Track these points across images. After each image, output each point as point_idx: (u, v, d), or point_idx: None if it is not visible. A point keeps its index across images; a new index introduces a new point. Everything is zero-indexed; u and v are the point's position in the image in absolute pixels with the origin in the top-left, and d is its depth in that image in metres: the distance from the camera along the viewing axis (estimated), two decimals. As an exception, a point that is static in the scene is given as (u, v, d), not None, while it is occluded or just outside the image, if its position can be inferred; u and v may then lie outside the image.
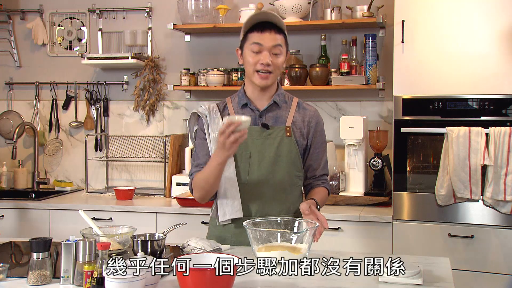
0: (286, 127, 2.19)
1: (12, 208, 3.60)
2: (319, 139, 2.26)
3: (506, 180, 2.84)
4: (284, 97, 2.25)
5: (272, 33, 2.10)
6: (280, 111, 2.22)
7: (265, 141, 2.17)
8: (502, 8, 2.90)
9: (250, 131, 2.15)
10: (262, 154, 2.16)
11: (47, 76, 4.30)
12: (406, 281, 1.72)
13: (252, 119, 2.15)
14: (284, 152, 2.17)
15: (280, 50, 2.13)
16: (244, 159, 2.16)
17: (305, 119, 2.24)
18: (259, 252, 1.91)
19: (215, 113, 2.22)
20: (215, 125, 2.20)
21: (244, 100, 2.22)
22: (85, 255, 1.69)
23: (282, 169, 2.17)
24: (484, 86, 2.93)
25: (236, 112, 2.22)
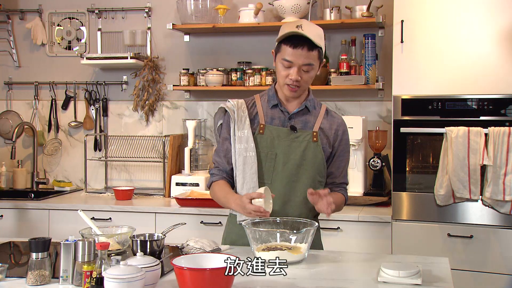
0: (313, 132, 2.19)
1: (11, 208, 3.60)
2: (344, 147, 2.26)
3: (505, 180, 2.85)
4: (314, 103, 2.25)
5: (304, 50, 2.06)
6: (309, 116, 2.22)
7: (292, 144, 2.17)
8: (501, 8, 2.90)
9: (278, 132, 2.18)
10: (288, 156, 2.16)
11: (46, 76, 4.30)
12: (405, 281, 1.72)
13: (281, 120, 2.20)
14: (309, 157, 2.17)
15: (310, 67, 2.10)
16: (269, 159, 2.17)
17: (332, 127, 2.23)
18: (258, 252, 1.92)
19: (242, 111, 2.21)
20: (242, 123, 2.19)
21: (275, 100, 2.22)
22: (84, 255, 1.69)
23: (306, 172, 2.17)
24: (483, 86, 2.93)
25: (265, 112, 2.21)
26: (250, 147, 2.15)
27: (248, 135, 2.16)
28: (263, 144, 2.17)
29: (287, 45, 2.08)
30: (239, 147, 2.17)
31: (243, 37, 3.95)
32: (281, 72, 2.13)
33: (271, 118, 2.21)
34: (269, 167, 2.16)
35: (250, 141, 2.16)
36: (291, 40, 2.07)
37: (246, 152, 2.16)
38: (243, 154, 2.16)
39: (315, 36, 2.08)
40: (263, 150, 2.16)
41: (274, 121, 2.20)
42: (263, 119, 2.20)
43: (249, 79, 3.75)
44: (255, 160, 2.15)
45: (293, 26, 2.08)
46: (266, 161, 2.16)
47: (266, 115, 2.21)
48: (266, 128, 2.19)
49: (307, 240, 1.94)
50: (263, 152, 2.16)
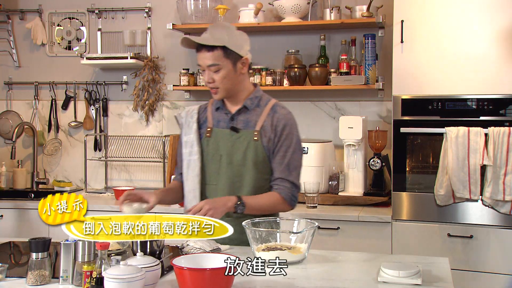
0: (254, 131, 2.21)
1: (11, 208, 3.60)
2: (284, 142, 2.21)
3: (505, 180, 2.85)
4: (258, 100, 2.27)
5: (204, 52, 2.15)
6: (251, 115, 2.24)
7: (234, 144, 2.22)
8: (501, 8, 2.90)
9: (222, 134, 2.24)
10: (231, 157, 2.21)
11: (46, 76, 4.30)
12: (405, 281, 1.72)
13: (225, 122, 2.25)
14: (251, 156, 2.20)
15: (217, 67, 2.15)
16: (215, 161, 2.23)
17: (273, 123, 2.22)
18: (258, 252, 1.92)
19: (191, 117, 2.30)
20: (189, 128, 2.28)
21: (217, 103, 2.29)
22: (84, 255, 1.69)
23: (250, 172, 2.20)
24: (483, 86, 2.93)
25: (213, 115, 2.29)
26: (194, 151, 2.25)
27: (193, 139, 2.25)
28: (210, 146, 2.25)
29: (197, 51, 2.19)
30: (184, 152, 2.28)
31: (243, 37, 3.95)
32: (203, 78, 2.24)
33: (217, 120, 2.28)
34: (214, 169, 2.23)
35: (194, 145, 2.25)
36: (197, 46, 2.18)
37: (190, 156, 2.25)
38: (187, 158, 2.26)
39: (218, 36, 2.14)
40: (210, 152, 2.24)
41: (220, 124, 2.27)
42: (211, 123, 2.28)
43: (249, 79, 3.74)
44: (197, 164, 2.23)
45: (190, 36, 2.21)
46: (212, 163, 2.23)
47: (214, 118, 2.29)
48: (213, 131, 2.26)
49: (307, 240, 1.94)
50: (210, 155, 2.24)
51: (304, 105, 3.84)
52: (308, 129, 3.82)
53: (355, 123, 3.41)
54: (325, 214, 3.21)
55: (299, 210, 3.28)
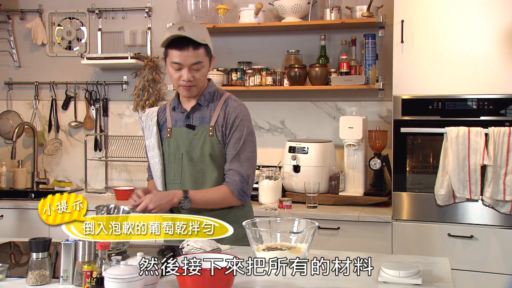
0: (209, 127, 2.24)
1: (12, 208, 3.60)
2: (235, 133, 2.22)
3: (506, 180, 2.84)
4: (212, 96, 2.29)
5: (190, 50, 2.14)
6: (206, 111, 2.27)
7: (192, 142, 2.24)
8: (502, 8, 2.90)
9: (180, 132, 2.26)
10: (190, 154, 2.24)
11: (46, 76, 4.30)
12: (405, 281, 1.72)
13: (182, 120, 2.27)
14: (207, 151, 2.22)
15: (200, 65, 2.18)
16: (177, 160, 2.25)
17: (226, 116, 2.24)
18: (258, 252, 1.92)
19: (151, 119, 2.32)
20: (149, 132, 2.31)
21: (174, 103, 2.31)
22: (85, 255, 1.69)
23: (210, 167, 2.23)
24: (483, 86, 2.93)
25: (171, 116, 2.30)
26: (155, 154, 2.28)
27: (154, 143, 2.28)
28: (171, 147, 2.27)
29: (173, 48, 2.15)
30: (149, 155, 2.32)
31: (243, 37, 3.95)
32: (173, 75, 2.20)
33: (175, 120, 2.29)
34: (177, 168, 2.26)
35: (156, 148, 2.27)
36: (176, 43, 2.14)
37: (153, 159, 2.29)
38: (151, 161, 2.31)
39: (198, 34, 2.15)
40: (171, 152, 2.27)
41: (177, 123, 2.28)
42: (170, 123, 2.30)
43: (249, 79, 3.75)
44: (159, 166, 2.27)
45: (175, 29, 2.14)
46: (175, 163, 2.26)
47: (172, 118, 2.30)
48: (173, 131, 2.28)
49: (308, 240, 1.94)
50: (172, 155, 2.27)
51: (304, 105, 3.84)
52: (308, 129, 3.82)
53: (355, 123, 3.41)
54: (325, 214, 3.21)
55: (299, 210, 3.28)
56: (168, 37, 2.15)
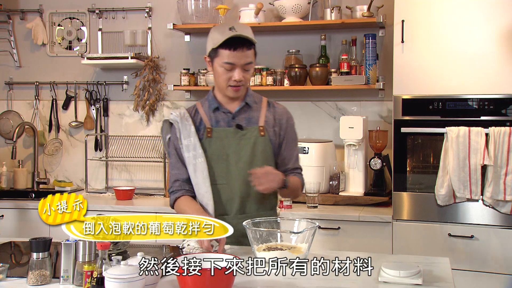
0: (259, 127, 2.23)
1: (12, 208, 3.60)
2: (290, 135, 2.31)
3: (506, 180, 2.84)
4: (254, 98, 2.29)
5: (244, 50, 2.13)
6: (252, 112, 2.26)
7: (240, 142, 2.21)
8: (502, 8, 2.90)
9: (225, 133, 2.22)
10: (238, 154, 2.21)
11: (47, 76, 4.30)
12: (406, 281, 1.72)
13: (226, 121, 2.24)
14: (259, 151, 2.21)
15: (250, 66, 2.18)
16: (221, 161, 2.21)
17: (276, 117, 2.28)
18: (259, 252, 1.92)
19: (186, 119, 2.26)
20: (187, 131, 2.23)
21: (215, 104, 2.26)
22: (85, 255, 1.69)
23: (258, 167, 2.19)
24: (484, 86, 2.93)
25: (209, 116, 2.26)
26: (198, 153, 2.20)
27: (195, 142, 2.21)
28: (213, 147, 2.21)
29: (226, 49, 2.12)
30: (187, 156, 2.21)
31: (244, 37, 3.95)
32: (222, 75, 2.17)
33: (216, 121, 2.25)
34: (222, 169, 2.21)
35: (197, 148, 2.20)
36: (229, 43, 2.11)
37: (195, 159, 2.20)
38: (192, 162, 2.21)
39: (249, 34, 2.16)
40: (214, 153, 2.21)
41: (219, 123, 2.24)
42: (209, 123, 2.25)
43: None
44: (205, 166, 2.19)
45: (226, 29, 2.13)
46: (219, 163, 2.21)
47: (211, 119, 2.25)
48: (213, 131, 2.23)
49: (308, 240, 1.94)
50: (215, 155, 2.21)
51: (304, 105, 3.83)
52: (308, 129, 3.82)
53: (356, 123, 3.41)
54: (326, 214, 3.21)
55: (300, 210, 3.28)
56: (222, 38, 2.11)
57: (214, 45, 2.14)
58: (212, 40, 2.16)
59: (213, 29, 2.22)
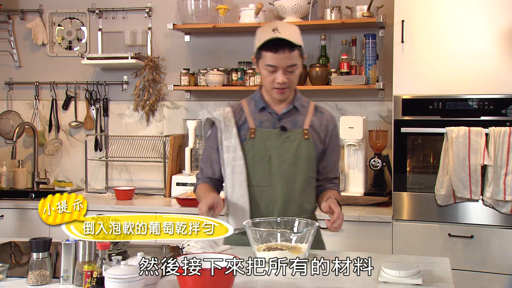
0: (304, 130, 2.19)
1: (12, 208, 3.60)
2: (335, 142, 2.28)
3: (506, 180, 2.84)
4: (301, 101, 2.25)
5: (286, 52, 2.07)
6: (298, 115, 2.22)
7: (284, 144, 2.17)
8: (502, 8, 2.90)
9: (269, 134, 2.18)
10: (282, 156, 2.16)
11: (47, 76, 4.30)
12: (406, 281, 1.72)
13: (271, 122, 2.20)
14: (302, 154, 2.17)
15: (295, 67, 2.11)
16: (264, 162, 2.16)
17: (322, 123, 2.24)
18: (259, 252, 1.92)
19: (229, 120, 2.21)
20: (228, 133, 2.19)
21: (261, 104, 2.22)
22: (85, 255, 1.69)
23: (301, 171, 2.17)
24: (484, 86, 2.93)
25: (253, 116, 2.21)
26: (238, 156, 2.17)
27: (236, 144, 2.17)
28: (255, 148, 2.17)
29: (268, 51, 2.08)
30: (227, 157, 2.18)
31: (244, 37, 3.95)
32: (266, 77, 2.13)
33: (260, 121, 2.20)
34: (264, 170, 2.16)
35: (237, 150, 2.17)
36: (270, 45, 2.07)
37: (234, 161, 2.17)
38: (231, 164, 2.18)
39: (293, 36, 2.10)
40: (257, 154, 2.16)
41: (263, 124, 2.20)
42: (253, 123, 2.20)
43: (249, 79, 3.75)
44: (243, 169, 2.16)
45: (269, 30, 2.09)
46: (261, 165, 2.17)
47: (255, 119, 2.21)
48: (257, 131, 2.19)
49: (308, 240, 1.94)
50: (257, 156, 2.17)
51: (304, 105, 3.83)
52: (308, 129, 3.81)
53: (356, 123, 3.41)
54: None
55: (300, 210, 3.27)
56: (265, 40, 2.07)
57: (257, 46, 2.12)
58: (256, 40, 2.13)
59: (259, 29, 2.16)
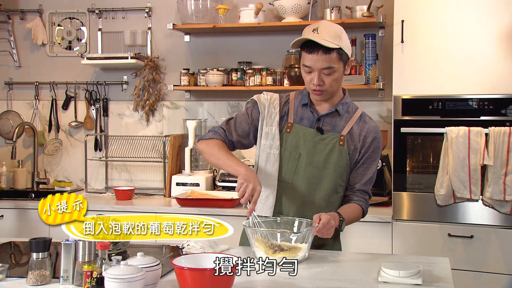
0: (340, 136, 2.13)
1: (12, 208, 3.60)
2: (371, 155, 2.16)
3: (506, 180, 2.84)
4: (347, 107, 2.20)
5: (320, 54, 2.01)
6: (340, 119, 2.16)
7: (317, 145, 2.13)
8: (501, 8, 2.90)
9: (304, 132, 2.14)
10: (312, 157, 2.12)
11: (46, 76, 4.30)
12: (405, 281, 1.72)
13: (310, 121, 2.16)
14: (333, 160, 2.12)
15: (331, 70, 2.05)
16: (292, 159, 2.13)
17: (362, 133, 2.15)
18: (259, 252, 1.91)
19: (274, 107, 2.18)
20: (271, 119, 2.17)
21: (306, 100, 2.18)
22: (85, 255, 1.69)
23: (328, 176, 2.12)
24: (483, 86, 2.93)
25: (296, 111, 2.18)
26: (275, 144, 2.14)
27: (275, 133, 2.14)
28: (288, 142, 2.14)
29: (304, 51, 2.05)
30: (264, 143, 2.16)
31: (244, 37, 3.95)
32: (305, 77, 2.10)
33: (300, 117, 2.17)
34: (291, 167, 2.13)
35: (276, 139, 2.14)
36: (307, 45, 2.04)
37: (271, 149, 2.14)
38: (267, 151, 2.14)
39: (331, 37, 2.02)
40: (288, 148, 2.14)
41: (303, 121, 2.16)
42: (292, 118, 2.17)
43: (249, 79, 3.75)
44: (277, 158, 2.13)
45: (310, 29, 2.04)
46: (290, 160, 2.13)
47: (296, 114, 2.18)
48: (294, 127, 2.15)
49: (307, 240, 1.94)
50: (287, 151, 2.14)
51: (304, 105, 3.83)
52: (308, 129, 3.82)
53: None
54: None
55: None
56: (301, 39, 2.04)
57: (294, 45, 2.09)
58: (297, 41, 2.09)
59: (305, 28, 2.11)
